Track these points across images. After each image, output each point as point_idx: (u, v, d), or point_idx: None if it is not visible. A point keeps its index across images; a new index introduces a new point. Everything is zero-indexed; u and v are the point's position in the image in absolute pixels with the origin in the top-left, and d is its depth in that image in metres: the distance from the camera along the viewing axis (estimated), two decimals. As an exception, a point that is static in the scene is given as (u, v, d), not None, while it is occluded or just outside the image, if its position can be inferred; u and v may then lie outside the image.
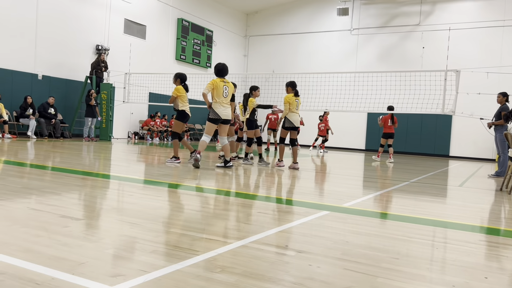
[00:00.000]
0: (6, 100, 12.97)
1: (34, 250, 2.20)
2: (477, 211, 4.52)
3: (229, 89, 7.25)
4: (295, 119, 8.02)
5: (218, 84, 7.13)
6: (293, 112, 8.02)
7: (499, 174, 8.85)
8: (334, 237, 2.87)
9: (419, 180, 7.58)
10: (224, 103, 7.18)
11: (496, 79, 17.23)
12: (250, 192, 4.96)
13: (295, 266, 2.20)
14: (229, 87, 7.26)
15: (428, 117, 19.02)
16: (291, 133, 8.14)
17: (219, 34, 22.42)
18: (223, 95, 7.13)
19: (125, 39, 16.93)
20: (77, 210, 3.31)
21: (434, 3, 19.75)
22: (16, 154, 7.86)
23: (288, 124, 8.03)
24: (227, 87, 7.22)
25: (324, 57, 21.96)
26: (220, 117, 7.15)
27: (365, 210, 4.13)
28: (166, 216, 3.27)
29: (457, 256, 2.58)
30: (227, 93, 7.18)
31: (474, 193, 6.19)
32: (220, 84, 7.13)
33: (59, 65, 14.73)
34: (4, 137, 12.26)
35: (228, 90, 7.22)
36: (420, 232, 3.20)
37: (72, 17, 14.94)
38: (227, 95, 7.19)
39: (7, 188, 4.00)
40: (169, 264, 2.10)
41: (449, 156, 19.27)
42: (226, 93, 7.16)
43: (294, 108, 8.02)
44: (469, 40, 18.77)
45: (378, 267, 2.26)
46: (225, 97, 7.18)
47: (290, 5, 23.10)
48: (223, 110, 7.16)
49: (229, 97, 7.23)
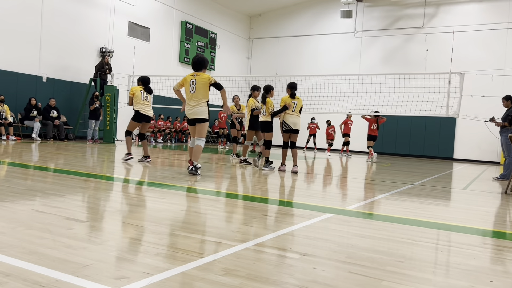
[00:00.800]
0: (11, 102, 13.03)
1: (38, 252, 2.20)
2: (481, 214, 4.50)
3: (198, 83, 6.25)
4: (292, 121, 7.76)
5: (186, 78, 6.39)
6: (290, 114, 7.79)
7: (504, 176, 8.80)
8: (339, 240, 2.86)
9: (423, 183, 7.55)
10: (191, 99, 6.32)
11: (501, 81, 17.17)
12: (253, 194, 4.95)
13: (299, 269, 2.19)
14: (199, 81, 6.26)
15: (432, 119, 18.96)
16: (292, 136, 7.90)
17: (222, 37, 22.46)
18: (190, 90, 6.29)
19: (129, 41, 16.99)
20: (81, 212, 3.32)
21: (438, 6, 19.72)
22: (21, 156, 7.89)
23: (286, 127, 7.82)
24: (195, 80, 6.28)
25: (327, 59, 21.95)
26: (188, 117, 6.44)
27: (369, 213, 4.12)
28: (170, 218, 3.27)
29: (462, 260, 2.57)
30: (194, 88, 6.26)
31: (479, 196, 6.15)
32: (188, 79, 6.35)
33: (64, 68, 14.80)
34: (8, 139, 12.31)
35: (196, 84, 6.25)
36: (424, 235, 3.18)
37: (76, 19, 15.01)
38: (194, 90, 6.26)
39: (11, 190, 4.01)
40: (173, 266, 2.10)
41: (453, 158, 19.20)
42: (193, 87, 6.26)
43: (291, 110, 7.79)
44: (473, 42, 18.72)
45: (383, 271, 2.25)
46: (192, 93, 6.27)
47: (294, 8, 23.12)
48: (188, 109, 6.35)
49: (199, 93, 6.25)
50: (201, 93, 6.27)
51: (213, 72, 21.61)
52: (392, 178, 8.37)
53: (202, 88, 6.26)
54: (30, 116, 13.19)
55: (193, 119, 6.35)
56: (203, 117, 6.31)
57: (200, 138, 6.39)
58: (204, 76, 6.31)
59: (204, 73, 6.38)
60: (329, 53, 22.04)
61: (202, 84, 6.25)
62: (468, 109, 14.18)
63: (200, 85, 6.25)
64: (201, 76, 6.30)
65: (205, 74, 6.35)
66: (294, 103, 7.84)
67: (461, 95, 10.78)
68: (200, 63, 6.39)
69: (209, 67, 21.40)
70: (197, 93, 6.26)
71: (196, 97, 6.26)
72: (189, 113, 6.31)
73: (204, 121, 6.34)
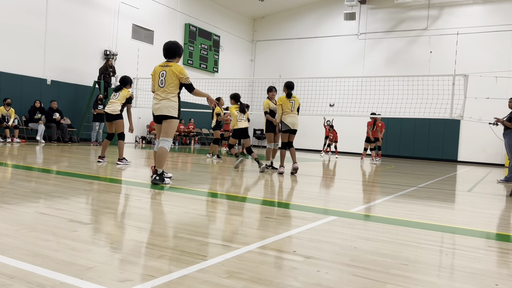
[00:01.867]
0: (15, 104, 13.11)
1: (42, 254, 2.21)
2: (486, 217, 4.47)
3: (168, 75, 5.29)
4: (290, 121, 7.65)
5: (156, 70, 5.45)
6: (289, 114, 7.67)
7: (508, 179, 8.76)
8: (342, 243, 2.85)
9: (427, 185, 7.52)
10: (158, 94, 5.36)
11: (505, 83, 17.11)
12: (256, 197, 4.95)
13: (303, 272, 2.19)
14: (169, 72, 5.30)
15: (436, 122, 18.90)
16: (290, 136, 7.80)
17: (226, 39, 22.51)
18: (159, 84, 5.37)
19: (133, 44, 17.06)
20: (85, 214, 3.33)
21: (442, 8, 19.68)
22: (25, 159, 7.92)
23: (284, 127, 7.72)
24: (164, 72, 5.33)
25: (331, 61, 21.95)
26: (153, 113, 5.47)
27: (373, 215, 4.11)
28: (174, 221, 3.28)
29: (467, 263, 2.55)
30: (163, 81, 5.32)
31: (483, 199, 6.12)
32: (157, 70, 5.42)
33: (68, 70, 14.87)
34: (13, 142, 12.38)
35: (166, 76, 5.31)
36: (429, 238, 3.17)
37: (80, 22, 15.09)
38: (164, 83, 5.31)
39: (16, 192, 4.03)
40: (177, 269, 2.10)
41: (457, 161, 19.13)
42: (162, 81, 5.33)
43: (289, 109, 7.68)
44: (477, 44, 18.67)
45: (387, 274, 2.24)
46: (161, 87, 5.33)
47: (297, 10, 23.15)
48: (155, 103, 5.40)
49: (169, 86, 5.30)
50: (171, 87, 5.31)
51: (216, 75, 21.66)
52: (396, 180, 8.34)
53: (172, 81, 5.31)
54: (35, 118, 13.26)
55: (159, 115, 5.35)
56: (170, 114, 5.30)
57: (165, 138, 5.36)
58: (177, 68, 5.33)
59: (176, 64, 5.42)
60: (332, 55, 22.04)
61: (170, 78, 5.30)
62: (472, 111, 14.14)
63: (170, 77, 5.30)
64: (173, 67, 5.33)
65: (178, 66, 5.38)
66: (292, 103, 7.74)
67: (465, 97, 10.73)
68: (173, 50, 5.44)
69: (213, 69, 21.44)
70: (166, 86, 5.31)
71: (163, 91, 5.32)
72: (155, 108, 5.36)
73: (171, 118, 5.33)
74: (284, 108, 7.72)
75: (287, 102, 7.71)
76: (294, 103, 7.76)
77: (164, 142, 5.35)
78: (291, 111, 7.71)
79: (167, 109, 5.29)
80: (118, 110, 7.64)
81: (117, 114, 7.64)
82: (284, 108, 7.72)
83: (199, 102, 18.35)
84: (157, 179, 5.24)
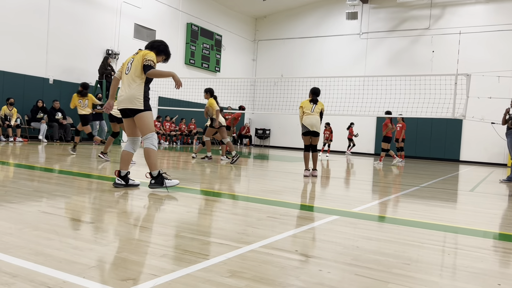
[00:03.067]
0: (18, 104, 13.14)
1: (45, 253, 2.21)
2: (488, 216, 4.46)
3: (135, 60, 4.60)
4: (309, 122, 7.39)
5: (127, 60, 4.79)
6: (307, 115, 7.44)
7: (511, 179, 8.74)
8: (344, 242, 2.85)
9: (429, 185, 7.51)
10: (123, 83, 4.66)
11: (508, 83, 17.07)
12: (259, 196, 4.95)
13: (305, 272, 2.19)
14: (136, 58, 4.61)
15: (438, 121, 18.88)
16: (312, 139, 7.54)
17: (228, 39, 22.51)
18: (125, 72, 4.67)
19: (135, 43, 17.07)
20: (87, 213, 3.33)
21: (444, 7, 19.64)
22: (27, 158, 7.94)
23: (304, 129, 7.51)
24: (132, 59, 4.66)
25: (333, 61, 21.93)
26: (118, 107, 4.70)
27: (375, 215, 4.10)
28: (176, 220, 3.28)
29: (469, 263, 2.55)
30: (129, 68, 4.62)
31: (486, 198, 6.11)
32: (127, 60, 4.76)
33: (70, 70, 14.90)
34: (16, 141, 12.41)
35: (132, 63, 4.62)
36: (431, 238, 3.16)
37: (82, 22, 15.12)
38: (129, 70, 4.61)
39: (18, 191, 4.04)
40: (179, 268, 2.10)
41: (459, 160, 19.09)
42: (128, 67, 4.64)
43: (309, 110, 7.45)
44: (480, 43, 18.62)
45: (389, 273, 2.24)
46: (126, 74, 4.63)
47: (299, 10, 23.13)
48: (120, 95, 4.65)
49: (135, 72, 4.55)
50: (137, 73, 4.54)
51: (218, 74, 21.66)
52: (398, 180, 8.33)
53: (138, 67, 4.55)
54: (37, 118, 13.28)
55: (124, 109, 4.60)
56: (135, 107, 4.52)
57: (146, 136, 4.61)
58: (145, 52, 4.61)
59: (147, 51, 4.67)
60: (334, 55, 22.02)
61: (139, 62, 4.56)
62: (474, 110, 14.11)
63: (136, 63, 4.57)
64: (142, 52, 4.64)
65: (146, 51, 4.66)
66: (312, 104, 7.51)
67: (468, 96, 10.72)
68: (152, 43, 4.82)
69: (215, 69, 21.43)
70: (132, 73, 4.56)
71: (129, 78, 4.58)
72: (119, 100, 4.61)
73: (139, 111, 4.54)
74: (304, 110, 7.54)
75: (307, 104, 7.52)
76: (314, 105, 7.50)
77: (147, 141, 4.59)
78: (310, 112, 7.47)
79: (131, 102, 4.52)
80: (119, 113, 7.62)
81: (120, 117, 7.63)
82: (304, 110, 7.54)
83: (199, 102, 18.36)
84: (154, 183, 4.59)
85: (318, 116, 7.48)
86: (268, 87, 20.83)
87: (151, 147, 4.59)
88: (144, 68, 4.50)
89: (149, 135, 4.60)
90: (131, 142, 4.81)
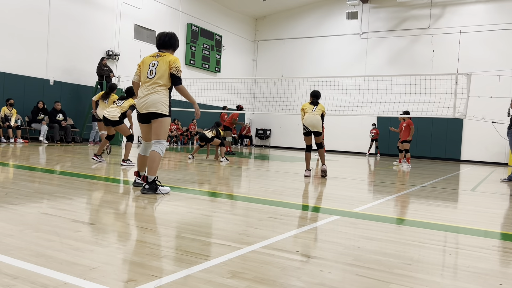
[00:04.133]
0: (18, 105, 13.14)
1: (46, 254, 2.21)
2: (490, 216, 4.46)
3: (161, 65, 4.55)
4: (309, 122, 7.45)
5: (145, 61, 4.70)
6: (308, 114, 7.50)
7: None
8: (346, 243, 2.84)
9: (430, 184, 7.50)
10: (145, 87, 4.58)
11: (508, 82, 17.05)
12: (260, 197, 4.94)
13: (306, 272, 2.18)
14: (162, 63, 4.56)
15: (438, 121, 18.87)
16: (315, 138, 7.60)
17: (228, 39, 22.51)
18: (148, 74, 4.59)
19: (135, 44, 17.08)
20: (88, 214, 3.33)
21: (444, 6, 19.63)
22: (28, 159, 7.94)
23: (304, 130, 7.57)
24: (156, 62, 4.58)
25: (333, 61, 21.93)
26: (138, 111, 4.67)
27: (376, 215, 4.10)
28: (177, 221, 3.28)
29: (471, 262, 2.55)
30: (154, 71, 4.55)
31: (487, 198, 6.10)
32: (147, 61, 4.67)
33: (71, 70, 14.91)
34: (16, 142, 12.41)
35: (157, 66, 4.56)
36: (432, 238, 3.16)
37: (83, 23, 15.12)
38: (154, 74, 4.54)
39: (19, 193, 4.04)
40: (180, 269, 2.10)
41: (460, 160, 19.08)
42: (152, 71, 4.56)
43: (310, 111, 7.52)
44: (480, 43, 18.61)
45: (391, 273, 2.24)
46: (150, 78, 4.56)
47: (299, 10, 23.14)
48: (141, 97, 4.59)
49: (161, 78, 4.53)
50: (164, 79, 4.54)
51: (218, 74, 21.66)
52: (399, 179, 8.32)
53: (165, 72, 4.55)
54: (37, 119, 13.29)
55: (146, 113, 4.58)
56: (160, 111, 4.51)
57: (158, 141, 4.59)
58: (172, 58, 4.59)
59: (171, 54, 4.71)
60: (335, 55, 22.02)
61: (166, 67, 4.55)
62: (475, 110, 14.10)
63: (163, 68, 4.54)
64: (166, 57, 4.59)
65: (173, 56, 4.65)
66: (313, 106, 7.58)
67: (468, 96, 10.71)
68: (168, 41, 4.74)
69: (215, 69, 21.44)
70: (157, 78, 4.53)
71: (154, 83, 4.54)
72: (142, 104, 4.55)
73: (162, 116, 4.55)
74: (306, 111, 7.62)
75: (308, 106, 7.62)
76: (315, 107, 7.56)
77: (157, 145, 4.57)
78: (311, 111, 7.52)
79: (156, 106, 4.49)
80: (116, 117, 7.47)
81: (114, 120, 7.48)
82: (306, 111, 7.62)
83: (200, 102, 18.36)
84: (147, 189, 4.48)
85: (319, 116, 7.52)
86: (268, 88, 20.83)
87: (159, 152, 4.58)
88: (174, 79, 4.56)
89: (162, 140, 4.62)
90: (148, 146, 4.86)
